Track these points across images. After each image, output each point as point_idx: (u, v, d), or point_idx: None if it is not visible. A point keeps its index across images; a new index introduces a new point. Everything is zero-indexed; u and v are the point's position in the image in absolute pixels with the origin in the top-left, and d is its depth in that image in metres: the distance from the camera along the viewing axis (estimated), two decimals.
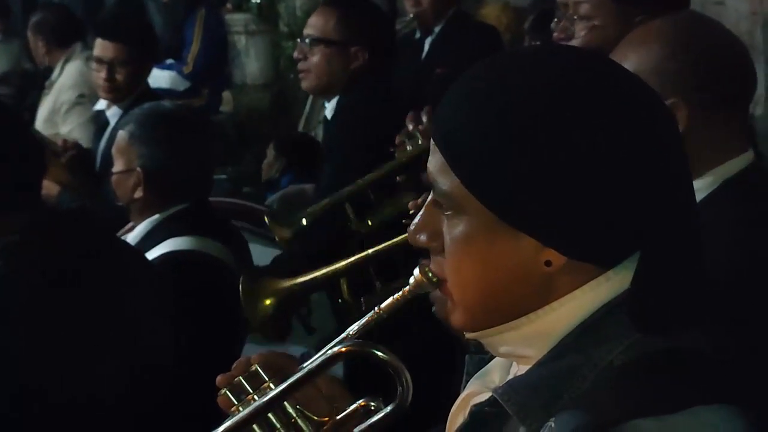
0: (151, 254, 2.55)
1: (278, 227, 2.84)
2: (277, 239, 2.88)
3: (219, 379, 1.33)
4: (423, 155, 2.64)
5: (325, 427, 1.29)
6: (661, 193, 1.09)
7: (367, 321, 1.28)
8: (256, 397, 1.29)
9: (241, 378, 1.31)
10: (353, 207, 2.80)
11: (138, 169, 2.64)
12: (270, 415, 1.28)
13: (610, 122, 1.07)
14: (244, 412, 1.27)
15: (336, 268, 2.55)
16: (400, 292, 1.25)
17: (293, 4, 8.36)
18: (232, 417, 1.28)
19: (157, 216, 2.67)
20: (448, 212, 1.13)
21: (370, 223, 2.79)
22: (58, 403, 1.60)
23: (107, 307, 1.94)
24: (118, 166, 2.70)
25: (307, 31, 3.24)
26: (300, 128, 6.90)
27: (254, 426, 1.27)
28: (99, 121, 4.28)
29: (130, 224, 2.79)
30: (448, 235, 1.14)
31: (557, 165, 1.06)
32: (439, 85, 2.85)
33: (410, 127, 2.70)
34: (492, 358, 1.26)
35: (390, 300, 1.26)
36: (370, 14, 3.38)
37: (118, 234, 2.79)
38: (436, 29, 4.89)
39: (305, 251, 2.99)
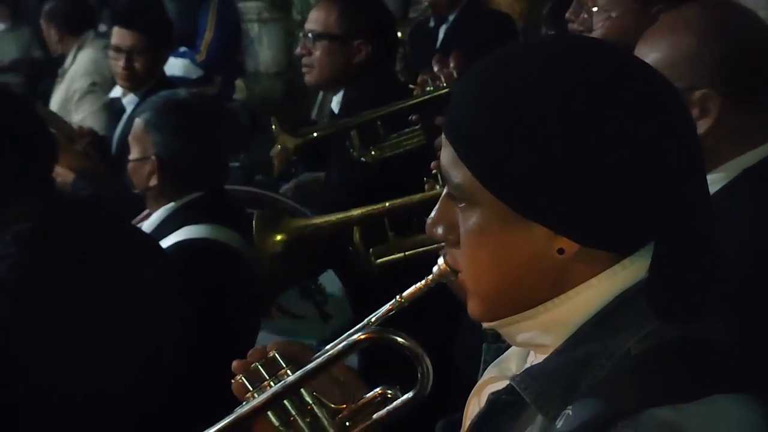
0: (166, 242, 2.56)
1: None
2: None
3: (235, 364, 1.32)
4: (440, 99, 2.70)
5: (341, 415, 1.30)
6: (673, 183, 1.09)
7: (387, 309, 1.29)
8: (272, 383, 1.29)
9: (257, 364, 1.31)
10: (360, 136, 2.83)
11: (153, 156, 2.65)
12: (286, 401, 1.28)
13: (621, 112, 1.08)
14: (260, 397, 1.27)
15: (351, 215, 2.59)
16: (423, 281, 1.26)
17: None
18: (248, 403, 1.28)
19: (172, 204, 2.68)
20: (462, 204, 1.14)
21: (373, 153, 2.81)
22: (70, 382, 1.62)
23: (117, 292, 1.97)
24: (134, 154, 2.71)
25: (308, 26, 3.26)
26: (313, 116, 6.90)
27: (269, 412, 1.28)
28: (114, 108, 4.29)
29: (146, 212, 2.81)
30: (462, 227, 1.15)
31: (565, 154, 1.07)
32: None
33: (435, 68, 2.72)
34: (509, 346, 1.27)
35: (412, 288, 1.27)
36: (371, 7, 3.38)
37: (135, 221, 2.81)
38: (451, 17, 4.88)
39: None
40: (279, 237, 2.60)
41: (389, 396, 1.28)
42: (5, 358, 1.80)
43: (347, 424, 1.29)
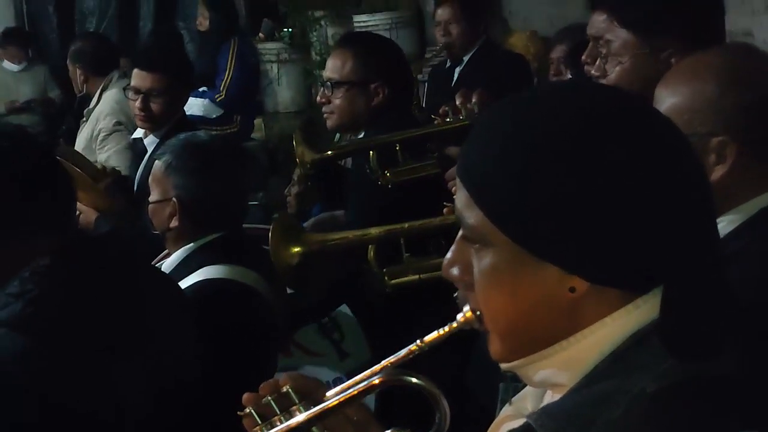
0: (185, 282, 2.58)
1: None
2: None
3: (246, 397, 1.33)
4: (459, 131, 2.74)
5: None
6: (682, 225, 1.12)
7: (407, 353, 1.29)
8: (282, 418, 1.29)
9: (269, 398, 1.31)
10: (378, 157, 2.87)
11: (174, 199, 2.68)
12: None
13: (632, 157, 1.11)
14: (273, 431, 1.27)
15: (369, 233, 2.61)
16: (447, 327, 1.27)
17: (325, 32, 8.43)
18: None
19: (191, 244, 2.70)
20: (476, 246, 1.17)
21: (387, 175, 2.85)
22: (83, 422, 1.63)
23: (134, 330, 1.98)
24: (154, 196, 2.74)
25: (326, 75, 3.30)
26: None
27: None
28: (136, 148, 4.33)
29: (166, 252, 2.84)
30: (476, 268, 1.17)
31: (577, 197, 1.10)
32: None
33: (458, 101, 2.78)
34: (525, 385, 1.29)
35: (434, 334, 1.28)
36: (384, 49, 3.43)
37: (155, 261, 2.84)
38: (465, 58, 4.94)
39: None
40: (296, 249, 2.63)
41: None
42: (21, 394, 1.82)
43: None
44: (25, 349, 1.83)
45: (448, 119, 2.81)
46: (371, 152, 2.88)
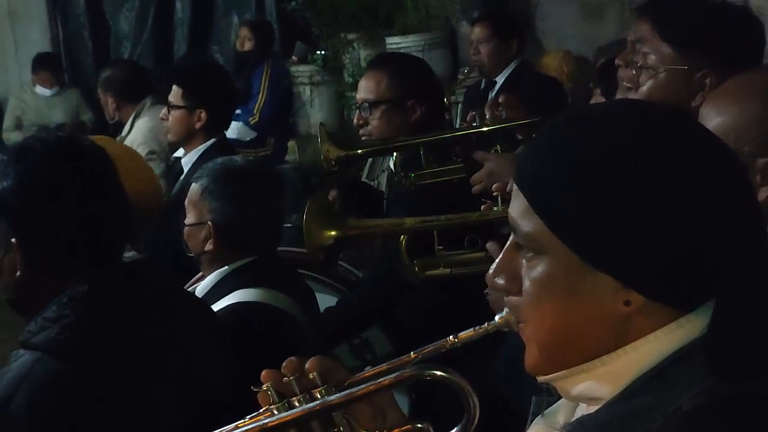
0: (219, 305, 2.59)
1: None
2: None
3: (265, 374, 1.30)
4: (485, 136, 2.73)
5: None
6: (737, 242, 1.12)
7: (439, 346, 1.28)
8: (302, 399, 1.26)
9: (291, 378, 1.28)
10: (402, 160, 2.89)
11: (209, 222, 2.70)
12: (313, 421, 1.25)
13: (691, 172, 1.12)
14: (291, 412, 1.24)
15: (404, 222, 2.60)
16: (483, 326, 1.27)
17: (357, 54, 8.47)
18: (277, 415, 1.25)
19: (225, 268, 2.71)
20: (529, 254, 1.17)
21: (411, 176, 2.85)
22: None
23: (168, 355, 1.99)
24: (190, 219, 2.76)
25: (361, 96, 3.31)
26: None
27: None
28: (175, 168, 4.34)
29: (200, 274, 2.86)
30: (527, 276, 1.17)
31: (638, 209, 1.10)
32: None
33: (488, 112, 2.79)
34: (558, 398, 1.29)
35: (469, 331, 1.28)
36: (417, 67, 3.46)
37: (189, 284, 2.85)
38: (499, 80, 4.93)
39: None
40: (330, 232, 2.63)
41: (423, 430, 1.27)
42: (54, 418, 1.82)
43: None
44: (59, 374, 1.84)
45: (474, 124, 2.81)
46: (395, 155, 2.87)
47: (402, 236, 2.67)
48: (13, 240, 1.91)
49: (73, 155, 1.95)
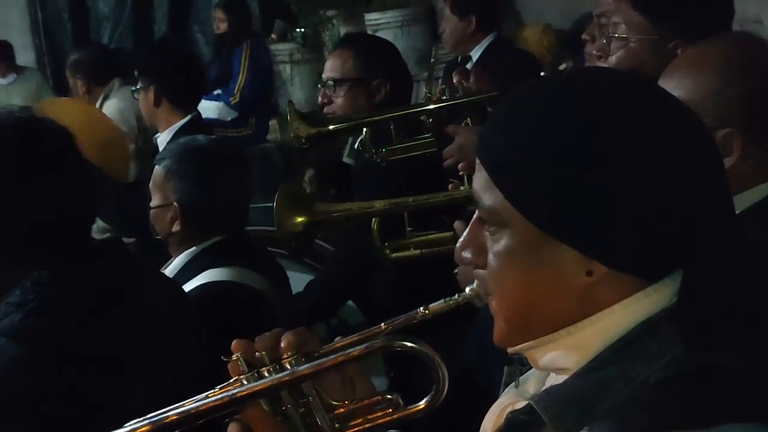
0: (189, 285, 2.58)
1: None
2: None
3: (235, 344, 1.30)
4: (455, 108, 2.72)
5: (337, 411, 1.28)
6: (704, 209, 1.12)
7: (409, 318, 1.28)
8: (271, 369, 1.25)
9: (263, 351, 1.27)
10: (371, 134, 2.88)
11: (175, 203, 2.69)
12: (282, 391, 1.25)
13: (655, 140, 1.11)
14: (261, 382, 1.24)
15: (373, 205, 2.62)
16: (453, 299, 1.27)
17: (337, 32, 8.42)
18: (246, 385, 1.25)
19: (194, 248, 2.71)
20: (492, 228, 1.17)
21: (384, 152, 2.85)
22: (84, 425, 1.61)
23: (136, 337, 1.97)
24: (155, 201, 2.75)
25: (326, 75, 3.32)
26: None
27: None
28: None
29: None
30: (491, 251, 1.17)
31: (600, 179, 1.10)
32: None
33: (455, 79, 2.77)
34: (529, 368, 1.29)
35: (440, 303, 1.28)
36: (382, 47, 3.48)
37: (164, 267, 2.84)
38: (474, 55, 4.90)
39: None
40: (299, 219, 2.64)
41: (391, 401, 1.27)
42: (18, 404, 1.81)
43: (341, 422, 1.27)
44: (23, 360, 1.82)
45: (444, 97, 2.80)
46: (364, 130, 2.87)
47: (373, 219, 2.67)
48: None
49: (29, 135, 1.90)
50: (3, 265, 1.90)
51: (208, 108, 6.79)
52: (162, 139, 4.06)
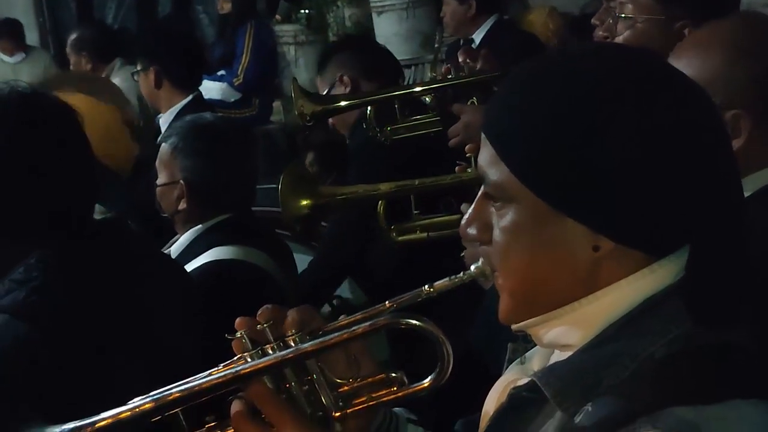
0: (194, 263, 2.59)
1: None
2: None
3: (239, 321, 1.29)
4: (461, 87, 2.73)
5: (341, 389, 1.27)
6: (711, 186, 1.11)
7: (414, 296, 1.27)
8: (276, 347, 1.24)
9: (265, 325, 1.26)
10: (375, 114, 2.90)
11: (181, 181, 2.69)
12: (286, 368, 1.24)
13: (665, 115, 1.10)
14: (265, 359, 1.22)
15: (379, 188, 2.61)
16: (459, 276, 1.26)
17: (342, 14, 8.39)
18: (250, 362, 1.23)
19: (200, 226, 2.71)
20: (498, 203, 1.17)
21: (388, 130, 2.85)
22: (82, 411, 1.60)
23: (138, 316, 1.96)
24: (162, 179, 2.74)
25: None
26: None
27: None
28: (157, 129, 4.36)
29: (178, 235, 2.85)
30: (497, 226, 1.17)
31: (607, 154, 1.09)
32: None
33: (461, 58, 2.77)
34: (533, 345, 1.29)
35: (445, 280, 1.27)
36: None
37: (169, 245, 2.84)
38: (475, 37, 4.88)
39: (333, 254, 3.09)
40: (305, 202, 2.64)
41: (396, 379, 1.26)
42: (22, 381, 1.81)
43: (345, 400, 1.25)
44: (27, 337, 1.81)
45: (449, 76, 2.79)
46: (369, 109, 2.87)
47: (379, 201, 2.67)
48: None
49: (34, 112, 1.88)
50: (7, 244, 1.90)
51: (212, 89, 6.77)
52: (164, 119, 4.07)
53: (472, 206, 1.22)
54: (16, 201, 1.86)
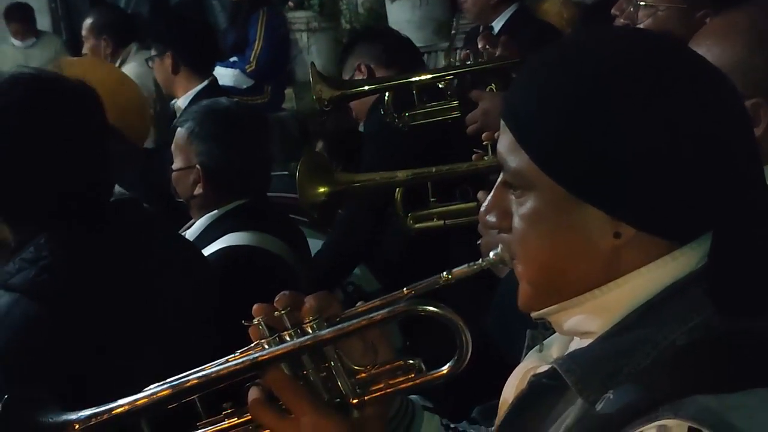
0: (209, 249, 2.58)
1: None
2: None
3: (256, 308, 1.27)
4: (480, 74, 2.71)
5: (359, 376, 1.26)
6: (734, 172, 1.10)
7: (432, 282, 1.25)
8: (293, 334, 1.23)
9: (283, 312, 1.25)
10: (393, 100, 2.88)
11: (197, 166, 2.68)
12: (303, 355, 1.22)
13: (687, 101, 1.09)
14: (282, 346, 1.21)
15: (396, 176, 2.61)
16: (477, 263, 1.25)
17: (355, 0, 8.38)
18: (268, 349, 1.22)
19: (215, 211, 2.71)
20: (517, 191, 1.16)
21: (406, 116, 2.84)
22: (93, 390, 1.59)
23: (151, 297, 1.96)
24: (177, 163, 2.74)
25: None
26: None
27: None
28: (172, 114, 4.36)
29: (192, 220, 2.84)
30: (516, 213, 1.16)
31: (629, 140, 1.08)
32: None
33: (480, 44, 2.75)
34: (552, 332, 1.28)
35: (463, 267, 1.25)
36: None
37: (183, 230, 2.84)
38: (495, 25, 4.87)
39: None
40: (322, 189, 2.63)
41: (414, 366, 1.24)
42: (33, 359, 1.80)
43: (363, 387, 1.24)
44: (37, 316, 1.81)
45: (469, 62, 2.77)
46: (387, 95, 2.85)
47: (397, 189, 2.66)
48: None
49: (55, 95, 1.89)
50: (18, 223, 1.89)
51: (224, 75, 6.76)
52: (180, 104, 4.09)
53: (491, 193, 1.21)
54: (29, 181, 1.86)
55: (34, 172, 1.86)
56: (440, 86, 2.89)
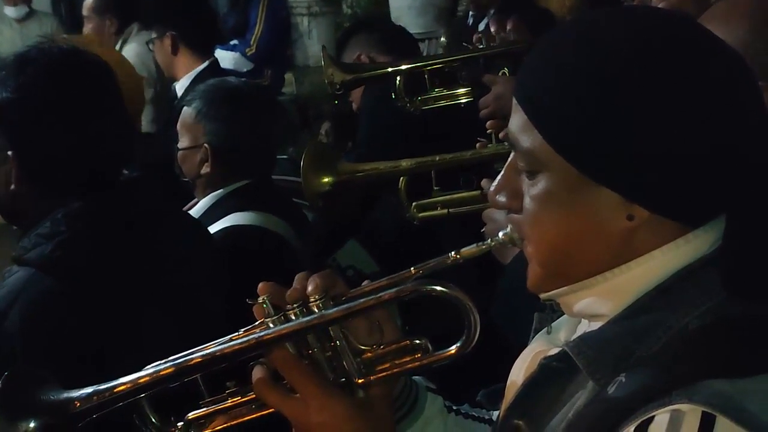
0: (214, 228, 2.58)
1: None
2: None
3: (262, 286, 1.25)
4: (492, 57, 2.69)
5: (364, 356, 1.25)
6: (748, 155, 1.09)
7: (440, 262, 1.24)
8: (298, 312, 1.22)
9: (288, 290, 1.24)
10: (404, 84, 2.86)
11: (205, 145, 2.67)
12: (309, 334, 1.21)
13: (701, 81, 1.08)
14: (288, 324, 1.20)
15: (399, 165, 2.61)
16: (486, 243, 1.24)
17: None
18: (273, 328, 1.21)
19: (220, 191, 2.70)
20: (529, 171, 1.14)
21: (417, 101, 2.83)
22: (107, 364, 1.59)
23: (161, 274, 1.97)
24: (184, 142, 2.73)
25: None
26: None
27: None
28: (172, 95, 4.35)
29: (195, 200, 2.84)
30: (527, 194, 1.15)
31: (644, 120, 1.06)
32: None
33: (492, 28, 2.75)
34: (560, 316, 1.27)
35: (472, 247, 1.24)
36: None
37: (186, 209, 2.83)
38: (492, 12, 4.85)
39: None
40: (326, 178, 2.63)
41: (420, 347, 1.23)
42: (48, 334, 1.81)
43: (368, 367, 1.23)
44: (52, 291, 1.82)
45: (480, 46, 2.76)
46: (398, 79, 2.84)
47: (402, 178, 2.65)
48: (9, 153, 1.87)
49: (75, 69, 1.90)
50: (36, 194, 1.89)
51: (224, 58, 6.72)
52: (180, 85, 4.07)
53: (501, 174, 1.20)
54: (53, 156, 1.87)
55: (66, 139, 1.87)
56: (450, 70, 2.88)
